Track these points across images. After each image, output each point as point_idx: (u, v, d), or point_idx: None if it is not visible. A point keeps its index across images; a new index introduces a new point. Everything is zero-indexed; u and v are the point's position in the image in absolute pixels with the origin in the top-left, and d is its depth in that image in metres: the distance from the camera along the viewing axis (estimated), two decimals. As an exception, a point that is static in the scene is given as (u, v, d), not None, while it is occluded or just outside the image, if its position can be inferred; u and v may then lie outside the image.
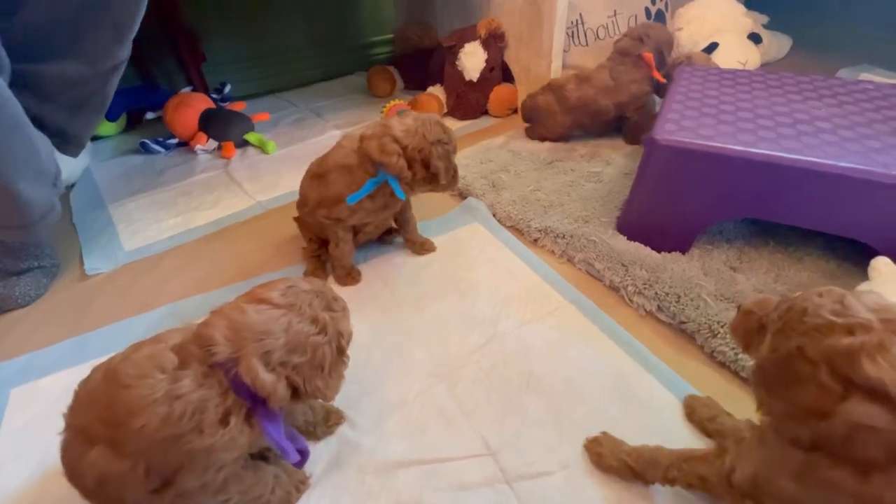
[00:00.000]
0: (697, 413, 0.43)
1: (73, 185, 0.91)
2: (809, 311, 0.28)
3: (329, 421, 0.44)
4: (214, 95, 1.13)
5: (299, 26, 1.38)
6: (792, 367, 0.28)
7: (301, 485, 0.39)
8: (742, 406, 0.44)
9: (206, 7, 1.21)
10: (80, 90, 0.64)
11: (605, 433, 0.42)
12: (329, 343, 0.35)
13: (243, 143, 1.03)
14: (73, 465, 0.34)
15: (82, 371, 0.51)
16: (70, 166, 0.85)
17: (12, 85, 0.54)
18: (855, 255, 0.55)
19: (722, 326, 0.49)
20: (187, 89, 1.10)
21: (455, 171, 0.60)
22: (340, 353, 0.37)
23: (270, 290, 0.35)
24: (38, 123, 0.61)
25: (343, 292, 0.61)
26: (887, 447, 0.24)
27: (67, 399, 0.47)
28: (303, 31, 1.40)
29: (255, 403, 0.33)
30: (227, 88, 1.17)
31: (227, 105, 1.11)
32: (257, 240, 0.74)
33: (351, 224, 0.61)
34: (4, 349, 0.56)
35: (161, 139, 1.02)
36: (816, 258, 0.58)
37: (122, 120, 1.13)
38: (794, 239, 0.61)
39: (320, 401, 0.44)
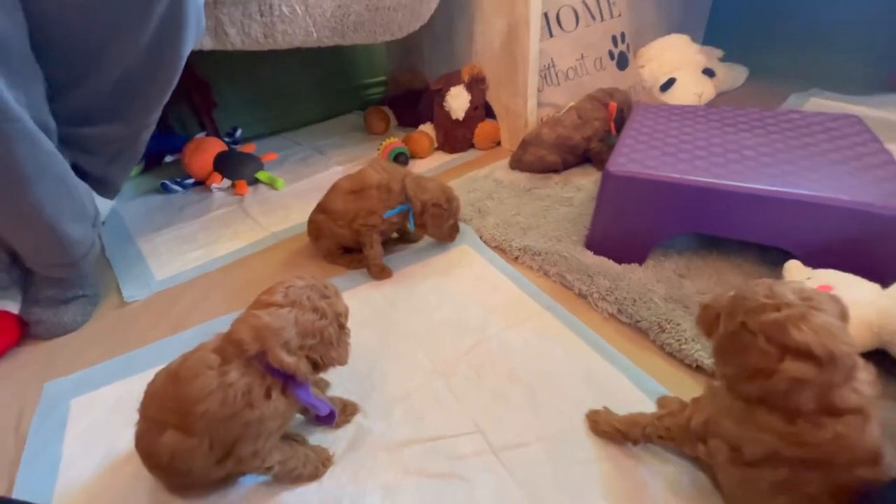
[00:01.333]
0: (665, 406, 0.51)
1: (103, 223, 1.01)
2: (748, 297, 0.36)
3: (346, 411, 0.53)
4: (227, 139, 1.25)
5: (300, 71, 1.52)
6: (739, 339, 0.35)
7: (327, 461, 0.48)
8: (685, 386, 0.54)
9: (216, 58, 1.34)
10: (117, 145, 0.73)
11: (605, 408, 0.51)
12: (331, 323, 0.44)
13: (254, 181, 1.14)
14: (149, 447, 0.43)
15: (132, 383, 0.61)
16: (99, 206, 0.95)
17: (59, 142, 0.64)
18: (783, 259, 0.66)
19: (668, 322, 0.59)
20: (202, 134, 1.22)
21: (452, 230, 0.81)
22: (341, 327, 0.46)
23: (273, 295, 0.44)
24: (80, 172, 0.71)
25: (353, 306, 0.70)
26: (816, 396, 0.32)
27: (122, 406, 0.57)
28: (303, 76, 1.54)
29: (286, 380, 0.42)
30: (238, 132, 1.29)
31: (239, 147, 1.22)
32: (272, 266, 0.84)
33: (381, 230, 0.77)
34: (60, 368, 0.65)
35: (179, 179, 1.13)
36: (751, 264, 0.69)
37: (142, 163, 1.24)
38: (733, 249, 0.71)
39: (340, 396, 0.54)
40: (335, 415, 0.49)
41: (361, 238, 0.77)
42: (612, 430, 0.48)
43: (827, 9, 1.46)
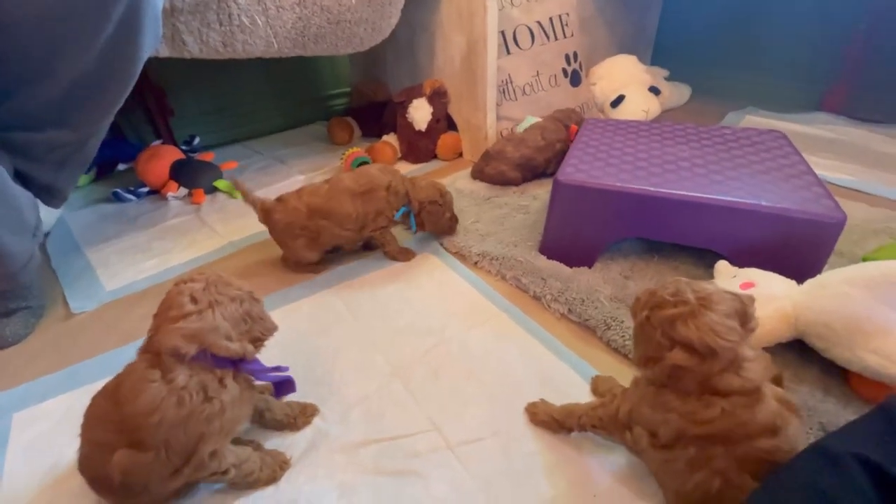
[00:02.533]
0: (599, 387, 0.56)
1: (48, 234, 0.97)
2: (657, 293, 0.41)
3: (307, 412, 0.53)
4: (184, 147, 1.23)
5: (262, 80, 1.51)
6: (644, 330, 0.41)
7: (284, 464, 0.48)
8: (628, 378, 0.57)
9: (172, 63, 1.32)
10: (63, 151, 0.70)
11: (542, 399, 0.54)
12: (248, 300, 0.46)
13: (213, 190, 1.13)
14: (97, 470, 0.41)
15: (77, 395, 0.59)
16: (44, 216, 0.91)
17: (1, 147, 0.62)
18: (715, 260, 0.71)
19: (614, 321, 0.63)
20: (158, 142, 1.20)
21: (452, 222, 0.86)
22: (255, 300, 0.48)
23: (181, 307, 0.42)
24: (24, 180, 0.69)
25: (313, 313, 0.71)
26: (699, 381, 0.37)
27: (67, 419, 0.55)
28: (265, 85, 1.53)
29: (235, 365, 0.43)
30: (196, 140, 1.27)
31: (197, 155, 1.20)
32: (230, 275, 0.82)
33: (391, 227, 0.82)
34: (1, 382, 0.62)
35: (132, 188, 1.10)
36: (688, 265, 0.75)
37: (93, 171, 1.20)
38: (673, 252, 0.77)
39: (298, 401, 0.54)
40: (293, 382, 0.49)
41: (376, 239, 0.81)
42: (549, 420, 0.51)
43: (765, 33, 1.60)
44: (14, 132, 0.63)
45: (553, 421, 0.51)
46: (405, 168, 1.25)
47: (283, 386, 0.49)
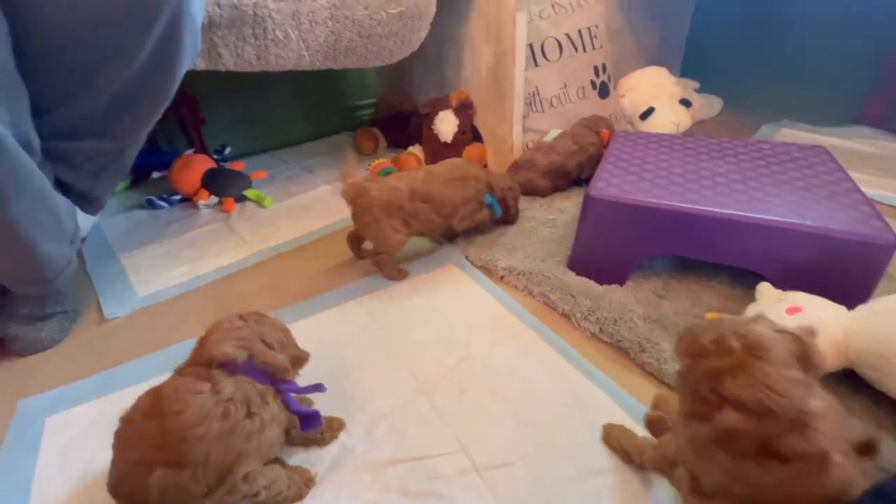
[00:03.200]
0: (654, 427, 0.52)
1: (84, 239, 1.00)
2: (698, 338, 0.35)
3: (333, 427, 0.53)
4: (216, 156, 1.26)
5: (290, 91, 1.54)
6: (687, 381, 0.36)
7: (309, 482, 0.48)
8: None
9: (205, 75, 1.36)
10: (102, 160, 0.72)
11: (622, 425, 0.51)
12: (285, 333, 0.50)
13: (242, 199, 1.15)
14: (133, 492, 0.39)
15: (110, 401, 0.60)
16: (81, 221, 0.94)
17: (42, 156, 0.63)
18: (755, 281, 0.68)
19: (648, 342, 0.61)
20: (190, 151, 1.23)
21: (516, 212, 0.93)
22: (288, 332, 0.51)
23: (233, 321, 0.46)
24: (64, 187, 0.71)
25: (338, 323, 0.71)
26: (754, 443, 0.32)
27: (98, 425, 0.56)
28: (293, 96, 1.56)
29: (273, 383, 0.43)
30: (228, 150, 1.30)
31: (228, 164, 1.23)
32: (258, 284, 0.83)
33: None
34: (36, 385, 0.63)
35: (165, 196, 1.13)
36: (725, 286, 0.72)
37: (128, 178, 1.24)
38: (708, 271, 0.74)
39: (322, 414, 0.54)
40: (320, 416, 0.48)
41: (466, 225, 0.84)
42: (618, 448, 0.49)
43: (800, 43, 1.56)
44: (55, 141, 0.65)
45: (622, 450, 0.49)
46: (430, 179, 1.24)
47: (310, 420, 0.48)
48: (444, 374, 0.61)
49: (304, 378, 0.51)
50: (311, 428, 0.47)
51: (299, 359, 0.48)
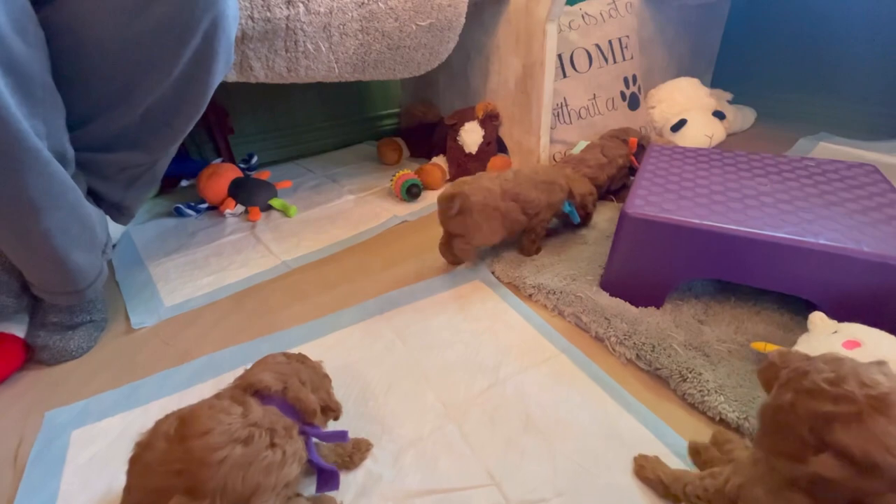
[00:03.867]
0: (701, 454, 0.49)
1: (115, 245, 1.01)
2: (809, 374, 0.33)
3: (361, 448, 0.51)
4: (242, 165, 1.27)
5: (315, 100, 1.56)
6: (783, 416, 0.33)
7: (334, 511, 0.46)
8: (704, 435, 0.52)
9: (233, 86, 1.38)
10: (135, 171, 0.73)
11: (656, 456, 0.49)
12: (322, 377, 0.48)
13: (268, 208, 1.15)
14: None
15: (136, 414, 0.59)
16: (112, 229, 0.96)
17: (76, 167, 0.64)
18: (803, 308, 0.64)
19: (690, 372, 0.58)
20: (218, 160, 1.24)
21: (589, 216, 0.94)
22: (328, 378, 0.50)
23: (276, 356, 0.47)
24: (96, 197, 0.72)
25: (363, 341, 0.70)
26: (845, 496, 0.29)
27: (123, 441, 0.55)
28: (318, 105, 1.57)
29: (301, 422, 0.41)
30: (255, 159, 1.31)
31: (254, 174, 1.24)
32: (283, 296, 0.83)
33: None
34: (62, 396, 0.63)
35: (193, 204, 1.14)
36: (771, 311, 0.68)
37: (157, 186, 1.25)
38: (752, 294, 0.70)
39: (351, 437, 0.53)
40: (338, 476, 0.46)
41: (535, 230, 0.85)
42: (656, 480, 0.46)
43: (837, 53, 1.50)
44: (89, 153, 0.66)
45: (660, 482, 0.46)
46: (454, 190, 1.23)
47: (328, 479, 0.45)
48: (474, 400, 0.58)
49: (330, 400, 0.49)
50: (327, 488, 0.45)
51: (330, 409, 0.46)
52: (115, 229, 1.04)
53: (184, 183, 1.25)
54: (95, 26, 0.56)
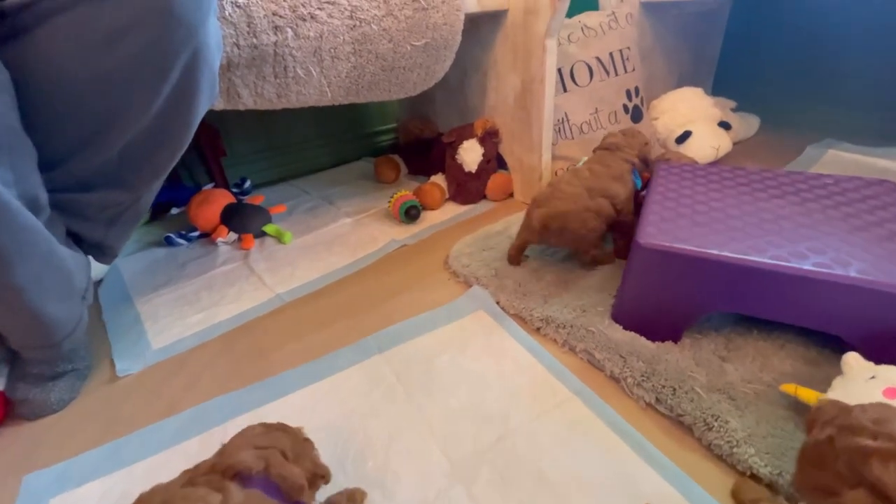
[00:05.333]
0: (741, 495, 0.47)
1: (101, 281, 0.97)
2: (852, 414, 0.34)
3: (356, 499, 0.47)
4: (235, 190, 1.23)
5: (310, 117, 1.52)
6: (821, 451, 0.34)
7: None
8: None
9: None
10: (116, 209, 0.68)
11: None
12: (304, 444, 0.44)
13: (262, 235, 1.11)
14: None
15: (116, 479, 0.55)
16: (98, 264, 0.92)
17: (52, 208, 0.59)
18: (832, 341, 0.60)
19: (715, 419, 0.53)
20: (209, 186, 1.20)
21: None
22: (311, 443, 0.45)
23: (255, 429, 0.43)
24: (75, 239, 0.67)
25: (361, 385, 0.65)
26: None
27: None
28: (313, 122, 1.54)
29: (287, 502, 0.37)
30: (248, 184, 1.27)
31: (247, 198, 1.20)
32: (277, 335, 0.78)
33: None
34: (41, 457, 0.59)
35: (183, 232, 1.10)
36: (797, 345, 0.64)
37: (147, 214, 1.22)
38: (776, 326, 0.66)
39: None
40: None
41: (627, 224, 0.84)
42: None
43: (842, 58, 1.47)
44: (66, 194, 0.62)
45: None
46: (453, 210, 1.19)
47: None
48: (483, 455, 0.54)
49: (325, 461, 0.45)
50: None
51: (318, 476, 0.42)
52: (100, 265, 0.99)
53: (174, 211, 1.21)
54: (65, 63, 0.52)
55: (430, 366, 0.68)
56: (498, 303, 0.81)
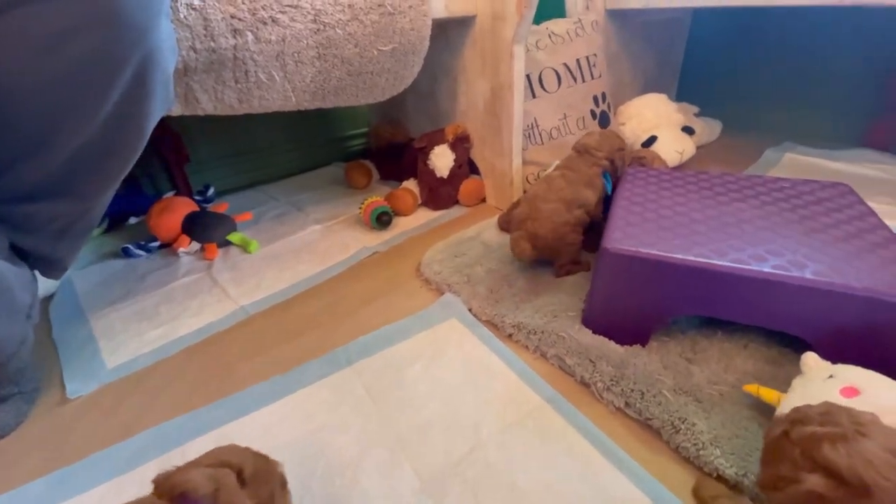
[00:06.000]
0: (700, 492, 0.48)
1: (52, 296, 0.91)
2: (802, 410, 0.37)
3: None
4: (198, 198, 1.18)
5: (278, 121, 1.48)
6: (779, 445, 0.37)
7: None
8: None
9: (190, 112, 1.30)
10: (64, 220, 0.64)
11: None
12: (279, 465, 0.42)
13: (226, 244, 1.07)
14: None
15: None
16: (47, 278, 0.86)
17: None
18: (793, 340, 0.62)
19: (682, 422, 0.54)
20: (170, 194, 1.15)
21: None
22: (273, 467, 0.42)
23: (212, 452, 0.39)
24: (20, 252, 0.63)
25: (330, 399, 0.63)
26: None
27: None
28: (281, 126, 1.50)
29: None
30: (211, 190, 1.22)
31: (211, 206, 1.15)
32: (241, 349, 0.75)
33: None
34: (-20, 489, 0.55)
35: (143, 242, 1.05)
36: (759, 345, 0.65)
37: (105, 223, 1.16)
38: (739, 327, 0.67)
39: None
40: None
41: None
42: None
43: (800, 64, 1.53)
44: (7, 206, 0.58)
45: None
46: (426, 216, 1.18)
47: None
48: (454, 469, 0.53)
49: (291, 482, 0.43)
50: None
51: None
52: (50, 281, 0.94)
53: (132, 220, 1.16)
54: (4, 67, 0.49)
55: (402, 377, 0.67)
56: (470, 310, 0.80)
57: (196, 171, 1.32)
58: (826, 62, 1.48)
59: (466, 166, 1.21)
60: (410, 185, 1.24)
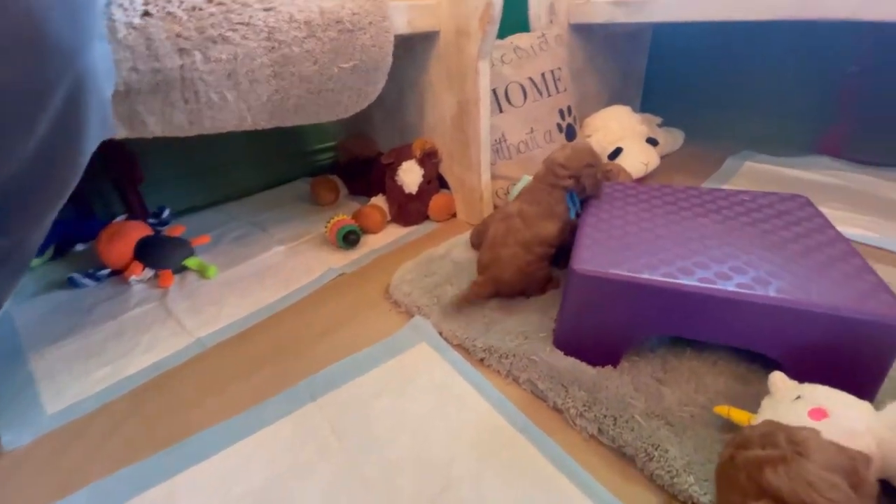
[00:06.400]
0: None
1: (-13, 334, 0.84)
2: (744, 432, 0.39)
3: None
4: (152, 221, 1.12)
5: (240, 136, 1.40)
6: (726, 471, 0.38)
7: None
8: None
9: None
10: None
11: None
12: None
13: (182, 269, 1.01)
14: None
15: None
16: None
17: None
18: (761, 357, 0.62)
19: (655, 448, 0.53)
20: (121, 218, 1.08)
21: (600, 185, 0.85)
22: None
23: None
24: None
25: (294, 440, 0.59)
26: None
27: None
28: (244, 141, 1.43)
29: None
30: (166, 213, 1.16)
31: (166, 230, 1.09)
32: (196, 387, 0.71)
33: None
34: None
35: (91, 271, 0.98)
36: (728, 362, 0.65)
37: (50, 250, 1.08)
38: (708, 345, 0.67)
39: None
40: None
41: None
42: None
43: (756, 74, 1.59)
44: None
45: None
46: (396, 233, 1.15)
47: None
48: (424, 513, 0.50)
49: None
50: None
51: None
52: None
53: (80, 247, 1.08)
54: None
55: (369, 411, 0.64)
56: (441, 333, 0.78)
57: (152, 192, 1.25)
58: (782, 72, 1.54)
59: (436, 181, 1.19)
60: (379, 201, 1.21)
